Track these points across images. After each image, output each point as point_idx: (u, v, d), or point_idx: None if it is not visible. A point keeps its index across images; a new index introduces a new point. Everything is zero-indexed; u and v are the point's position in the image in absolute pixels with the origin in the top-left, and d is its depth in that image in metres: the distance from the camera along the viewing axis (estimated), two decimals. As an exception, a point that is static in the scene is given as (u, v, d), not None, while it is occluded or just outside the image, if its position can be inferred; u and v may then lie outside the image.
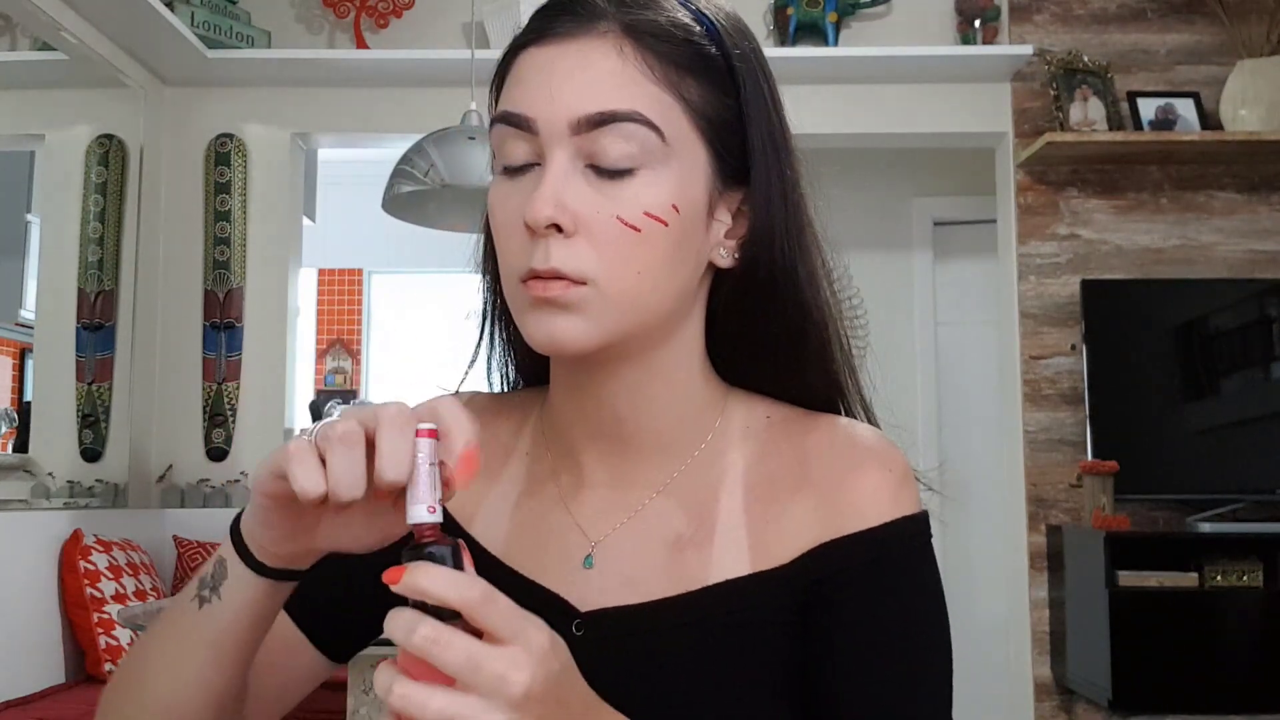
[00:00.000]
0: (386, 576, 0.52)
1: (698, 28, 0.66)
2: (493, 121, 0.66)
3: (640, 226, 0.63)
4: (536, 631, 0.53)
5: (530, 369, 0.79)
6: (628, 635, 0.67)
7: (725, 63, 0.67)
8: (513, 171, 0.66)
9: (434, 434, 0.54)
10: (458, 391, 0.79)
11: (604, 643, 0.67)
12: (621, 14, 0.64)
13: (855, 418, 0.75)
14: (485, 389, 0.81)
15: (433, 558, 0.53)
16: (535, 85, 0.64)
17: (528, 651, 0.52)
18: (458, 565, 0.53)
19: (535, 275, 0.63)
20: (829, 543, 0.67)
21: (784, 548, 0.67)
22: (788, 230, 0.69)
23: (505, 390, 0.81)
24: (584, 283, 0.63)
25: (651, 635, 0.53)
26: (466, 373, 0.79)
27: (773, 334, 0.71)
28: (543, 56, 0.65)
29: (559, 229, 0.62)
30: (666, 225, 0.63)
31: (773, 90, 0.70)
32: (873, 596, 0.67)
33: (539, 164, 0.65)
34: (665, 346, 0.69)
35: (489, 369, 0.79)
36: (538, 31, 0.66)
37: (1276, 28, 3.47)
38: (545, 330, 0.64)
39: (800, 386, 0.74)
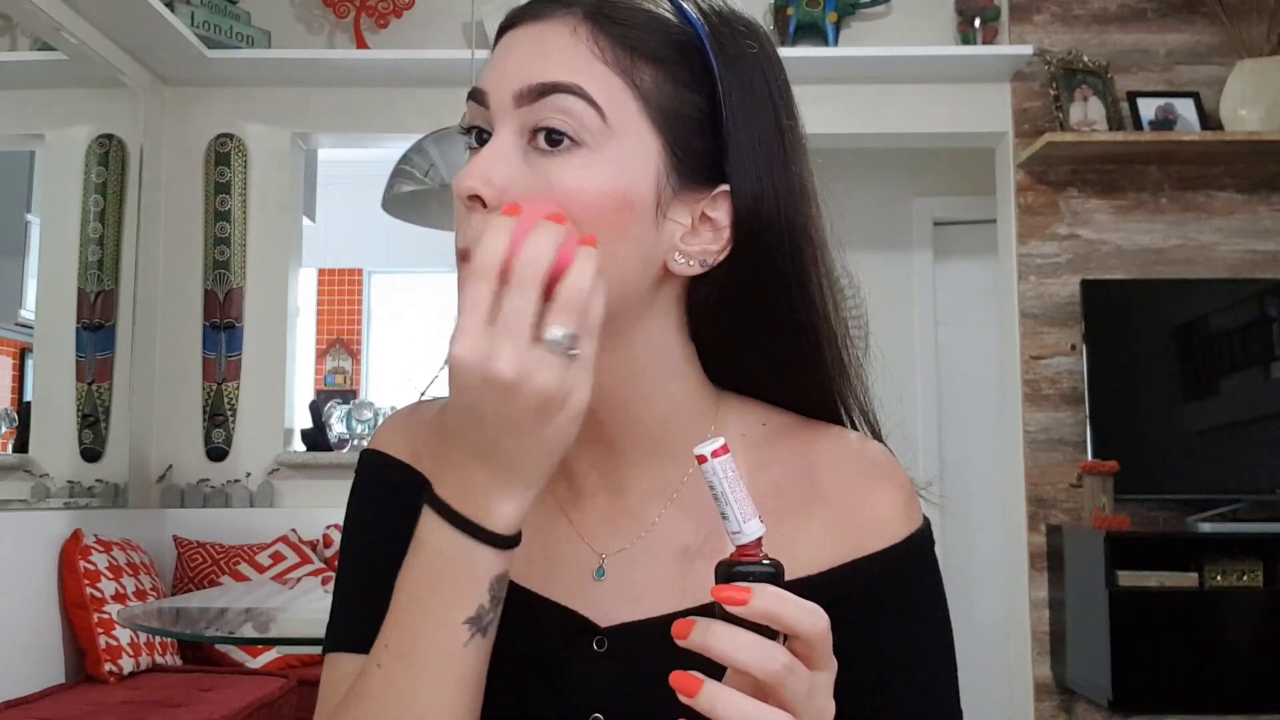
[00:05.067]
0: (727, 596, 0.51)
1: (673, 19, 0.64)
2: (467, 98, 0.67)
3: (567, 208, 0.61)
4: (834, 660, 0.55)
5: None
6: (649, 649, 0.65)
7: (702, 59, 0.64)
8: (474, 150, 0.66)
9: (725, 449, 0.53)
10: (432, 400, 0.78)
11: (625, 658, 0.67)
12: None
13: (857, 428, 0.73)
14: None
15: (775, 580, 0.52)
16: (495, 61, 0.65)
17: (832, 680, 0.55)
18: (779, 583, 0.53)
19: (461, 255, 0.63)
20: (851, 562, 0.67)
21: (799, 562, 0.66)
22: (782, 247, 0.65)
23: None
24: None
25: (673, 648, 0.53)
26: (440, 369, 0.78)
27: (762, 345, 0.69)
28: (512, 37, 0.65)
29: (484, 203, 0.61)
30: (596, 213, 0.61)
31: (778, 96, 0.67)
32: (897, 612, 0.68)
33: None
34: (625, 350, 0.66)
35: None
36: (515, 14, 0.66)
37: (1276, 28, 3.48)
38: None
39: (795, 395, 0.72)
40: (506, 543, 0.59)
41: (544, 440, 0.57)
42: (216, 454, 3.65)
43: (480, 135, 0.65)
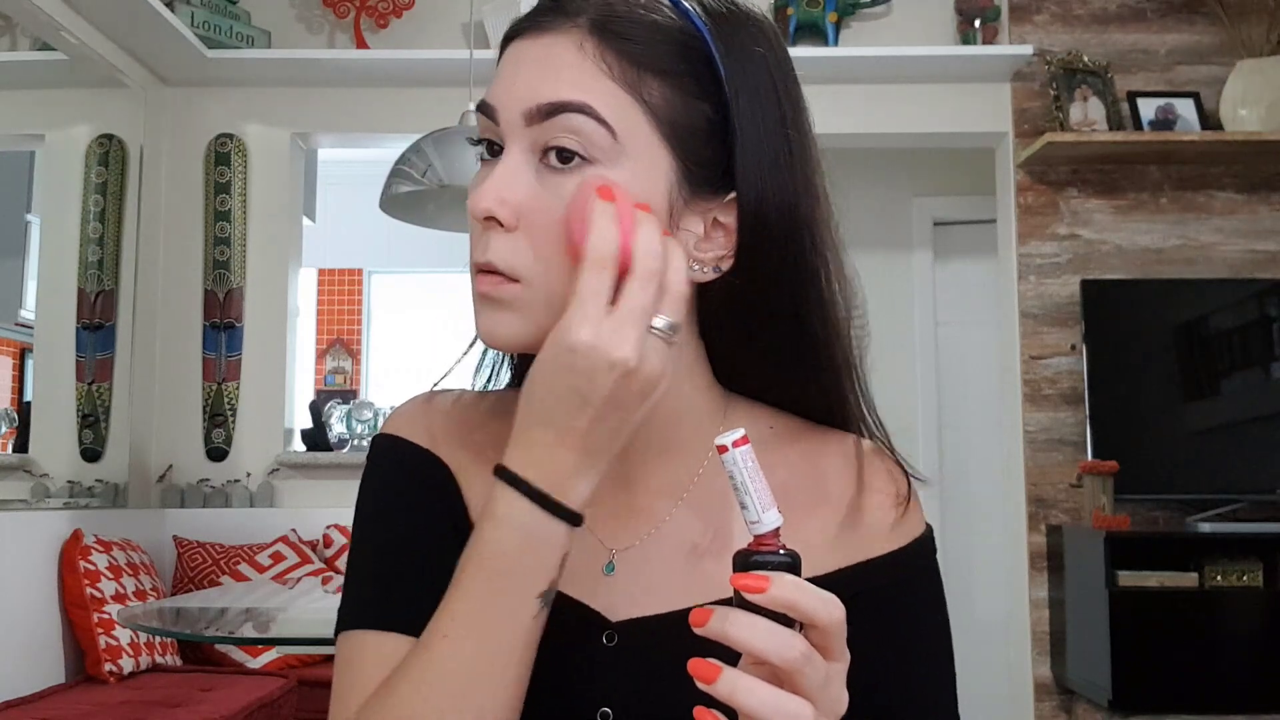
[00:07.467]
0: (745, 584, 0.52)
1: (680, 30, 0.64)
2: (475, 110, 0.67)
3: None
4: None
5: (523, 367, 0.77)
6: (658, 645, 0.66)
7: (709, 65, 0.64)
8: (486, 161, 0.66)
9: (746, 440, 0.54)
10: (448, 390, 0.78)
11: (635, 652, 0.67)
12: (597, 10, 0.64)
13: (860, 434, 0.74)
14: (467, 388, 0.79)
15: (793, 569, 0.53)
16: (504, 76, 0.65)
17: (845, 671, 0.55)
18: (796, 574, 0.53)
19: (479, 269, 0.64)
20: (854, 565, 0.68)
21: (806, 563, 0.66)
22: (788, 250, 0.66)
23: (486, 389, 0.79)
24: (517, 280, 0.63)
25: (682, 644, 0.53)
26: (454, 365, 0.78)
27: (769, 348, 0.69)
28: (518, 49, 0.65)
29: (499, 222, 0.62)
30: None
31: (784, 96, 0.66)
32: (898, 616, 0.68)
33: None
34: None
35: (480, 364, 0.78)
36: (521, 24, 0.66)
37: (1276, 28, 3.48)
38: (484, 325, 0.64)
39: (801, 399, 0.73)
40: (579, 520, 0.60)
41: (634, 421, 0.59)
42: (216, 454, 3.65)
43: (491, 147, 0.66)
